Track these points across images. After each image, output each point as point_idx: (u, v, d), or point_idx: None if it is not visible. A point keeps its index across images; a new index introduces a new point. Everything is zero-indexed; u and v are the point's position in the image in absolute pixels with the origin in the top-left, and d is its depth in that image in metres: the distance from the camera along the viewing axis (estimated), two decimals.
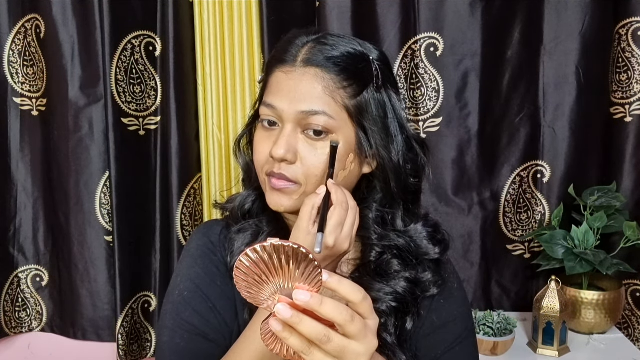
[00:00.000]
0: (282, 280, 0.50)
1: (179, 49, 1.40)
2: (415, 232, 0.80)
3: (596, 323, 1.36)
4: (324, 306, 0.50)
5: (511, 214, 1.50)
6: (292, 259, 0.49)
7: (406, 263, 0.78)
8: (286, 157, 0.73)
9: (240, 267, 0.50)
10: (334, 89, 0.73)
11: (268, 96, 0.76)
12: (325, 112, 0.73)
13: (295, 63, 0.74)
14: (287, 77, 0.74)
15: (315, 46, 0.75)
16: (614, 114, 1.45)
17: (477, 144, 1.45)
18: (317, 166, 0.74)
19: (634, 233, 1.32)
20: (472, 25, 1.41)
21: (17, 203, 1.49)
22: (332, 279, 0.51)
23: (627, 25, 1.40)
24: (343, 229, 0.70)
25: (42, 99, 1.46)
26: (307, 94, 0.73)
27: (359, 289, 0.53)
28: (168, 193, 1.45)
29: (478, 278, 1.50)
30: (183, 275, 0.82)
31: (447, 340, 0.81)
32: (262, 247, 0.49)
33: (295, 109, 0.73)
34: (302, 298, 0.49)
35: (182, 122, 1.43)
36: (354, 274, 0.79)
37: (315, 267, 0.49)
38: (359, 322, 0.52)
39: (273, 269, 0.50)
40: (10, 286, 1.50)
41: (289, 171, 0.74)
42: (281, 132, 0.74)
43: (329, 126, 0.73)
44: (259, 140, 0.77)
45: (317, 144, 0.74)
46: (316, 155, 0.74)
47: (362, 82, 0.75)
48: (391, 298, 0.76)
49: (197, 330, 0.78)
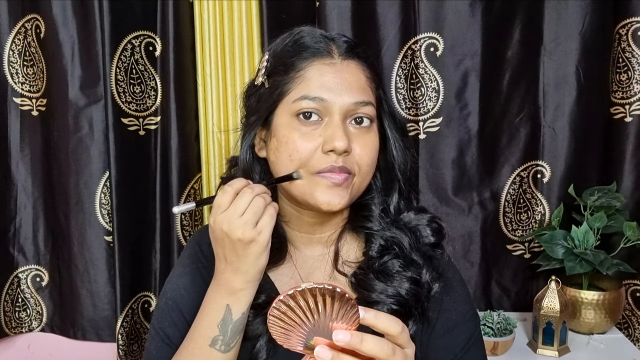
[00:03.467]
0: (317, 321, 0.50)
1: (179, 49, 1.40)
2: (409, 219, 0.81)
3: (596, 323, 1.36)
4: (365, 343, 0.49)
5: (511, 214, 1.50)
6: (327, 299, 0.48)
7: (407, 263, 0.78)
8: (348, 149, 0.72)
9: (275, 315, 0.50)
10: (370, 80, 0.77)
11: (311, 89, 0.73)
12: (372, 102, 0.76)
13: (334, 56, 0.75)
14: (332, 69, 0.74)
15: (341, 38, 0.78)
16: (614, 114, 1.45)
17: (477, 144, 1.45)
18: (369, 155, 0.75)
19: (634, 233, 1.32)
20: (472, 25, 1.41)
21: (17, 203, 1.49)
22: (369, 314, 0.51)
23: (627, 25, 1.40)
24: (244, 215, 0.68)
25: (42, 99, 1.46)
26: (356, 85, 0.74)
27: (396, 320, 0.52)
28: (168, 193, 1.45)
29: (478, 278, 1.50)
30: (172, 284, 0.84)
31: (459, 341, 0.79)
32: (298, 292, 0.48)
33: (347, 100, 0.73)
34: (343, 338, 0.48)
35: (182, 122, 1.43)
36: (356, 272, 0.79)
37: (353, 306, 0.49)
38: (400, 354, 0.52)
39: (309, 311, 0.49)
40: (10, 286, 1.50)
41: (347, 162, 0.73)
42: (331, 124, 0.73)
43: (373, 115, 0.76)
44: (299, 136, 0.73)
45: (365, 134, 0.75)
46: (366, 145, 0.75)
47: (379, 77, 0.80)
48: (393, 301, 0.75)
49: (169, 340, 0.79)
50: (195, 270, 0.83)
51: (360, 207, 0.82)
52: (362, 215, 0.81)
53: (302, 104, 0.73)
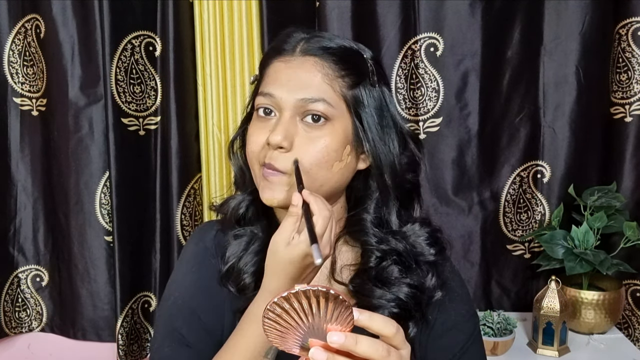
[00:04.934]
0: (312, 323, 0.50)
1: (179, 49, 1.40)
2: (411, 232, 0.79)
3: (596, 323, 1.36)
4: (359, 345, 0.49)
5: (511, 214, 1.50)
6: (321, 301, 0.48)
7: (407, 269, 0.77)
8: (283, 144, 0.71)
9: (269, 317, 0.50)
10: (332, 77, 0.73)
11: (265, 86, 0.75)
12: (325, 99, 0.73)
13: (294, 53, 0.75)
14: (286, 66, 0.74)
15: (312, 38, 0.76)
16: (614, 114, 1.45)
17: (477, 144, 1.45)
18: (313, 154, 0.72)
19: (634, 233, 1.32)
20: (472, 25, 1.41)
21: (17, 203, 1.49)
22: (363, 316, 0.50)
23: (627, 25, 1.40)
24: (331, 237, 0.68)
25: (42, 99, 1.46)
26: (307, 82, 0.73)
27: (391, 322, 0.52)
28: (168, 193, 1.45)
29: (478, 278, 1.50)
30: (178, 283, 0.82)
31: (459, 341, 0.79)
32: (292, 294, 0.48)
33: (295, 96, 0.72)
34: (337, 340, 0.48)
35: (182, 122, 1.43)
36: (354, 280, 0.78)
37: (346, 307, 0.49)
38: (395, 355, 0.52)
39: (303, 314, 0.49)
40: (10, 286, 1.50)
41: (281, 161, 0.72)
42: (279, 120, 0.73)
43: (328, 113, 0.73)
44: (253, 130, 0.76)
45: (314, 132, 0.73)
46: (313, 144, 0.72)
47: (359, 74, 0.75)
48: (393, 305, 0.75)
49: (184, 340, 0.78)
50: (202, 267, 0.82)
51: (353, 220, 0.80)
52: (355, 229, 0.80)
53: (258, 100, 0.76)
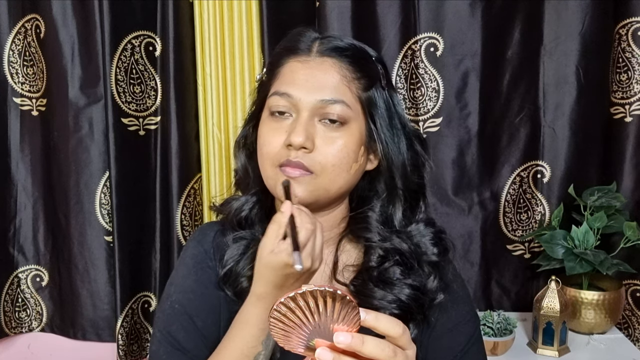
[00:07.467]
0: (318, 323, 0.50)
1: (179, 49, 1.40)
2: (416, 232, 0.80)
3: (596, 323, 1.36)
4: (366, 345, 0.49)
5: (511, 214, 1.50)
6: (328, 302, 0.48)
7: (409, 269, 0.77)
8: (306, 144, 0.71)
9: (275, 317, 0.50)
10: (350, 79, 0.74)
11: (281, 85, 0.74)
12: (344, 101, 0.73)
13: (310, 53, 0.75)
14: (303, 66, 0.74)
15: (325, 38, 0.76)
16: (614, 114, 1.45)
17: (477, 144, 1.45)
18: (335, 155, 0.73)
19: (634, 233, 1.32)
20: (472, 25, 1.41)
21: (17, 203, 1.49)
22: (370, 316, 0.50)
23: (627, 25, 1.40)
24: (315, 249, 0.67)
25: (42, 99, 1.46)
26: (326, 83, 0.73)
27: (397, 322, 0.52)
28: (168, 193, 1.45)
29: (478, 278, 1.50)
30: (177, 285, 0.82)
31: (459, 341, 0.79)
32: (299, 294, 0.48)
33: (315, 97, 0.72)
34: (344, 340, 0.48)
35: (182, 122, 1.43)
36: (355, 280, 0.78)
37: (353, 307, 0.49)
38: (401, 355, 0.52)
39: (310, 314, 0.49)
40: (10, 286, 1.50)
41: (306, 159, 0.72)
42: (297, 120, 0.73)
43: (346, 116, 0.73)
44: (268, 131, 0.75)
45: (334, 133, 0.73)
46: (333, 145, 0.73)
47: (371, 77, 0.76)
48: (394, 306, 0.75)
49: (179, 345, 0.78)
50: (200, 271, 0.82)
51: (358, 217, 0.80)
52: (360, 226, 0.80)
53: (272, 100, 0.75)
